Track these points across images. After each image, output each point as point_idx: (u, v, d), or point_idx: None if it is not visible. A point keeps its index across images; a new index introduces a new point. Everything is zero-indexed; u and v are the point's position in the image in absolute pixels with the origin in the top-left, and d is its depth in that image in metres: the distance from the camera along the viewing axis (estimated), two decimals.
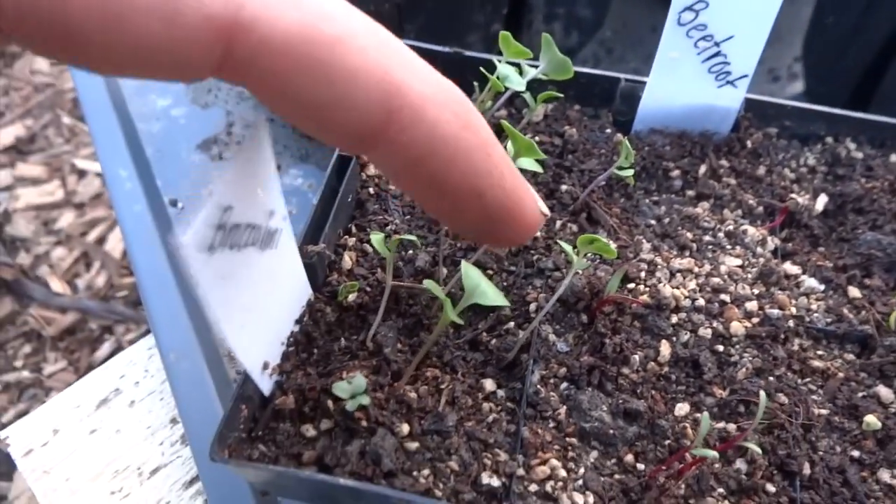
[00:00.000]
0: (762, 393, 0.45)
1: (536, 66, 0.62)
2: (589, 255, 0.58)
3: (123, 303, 1.68)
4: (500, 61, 0.62)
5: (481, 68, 0.62)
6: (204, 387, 0.80)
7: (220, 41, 0.29)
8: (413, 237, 0.52)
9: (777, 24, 1.30)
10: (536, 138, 0.67)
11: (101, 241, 1.81)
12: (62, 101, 2.10)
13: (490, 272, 0.58)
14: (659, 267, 0.58)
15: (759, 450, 0.47)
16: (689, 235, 0.61)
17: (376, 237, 0.51)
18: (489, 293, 0.44)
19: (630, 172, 0.59)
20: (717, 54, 0.61)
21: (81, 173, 1.96)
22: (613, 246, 0.59)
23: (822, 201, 0.64)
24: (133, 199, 0.97)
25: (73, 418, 0.83)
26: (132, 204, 0.96)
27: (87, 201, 1.89)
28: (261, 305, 0.46)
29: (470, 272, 0.45)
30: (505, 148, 0.62)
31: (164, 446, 0.81)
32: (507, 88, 0.59)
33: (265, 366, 0.50)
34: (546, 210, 0.41)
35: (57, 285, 1.71)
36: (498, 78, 0.58)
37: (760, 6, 0.57)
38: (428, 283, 0.44)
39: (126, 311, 1.64)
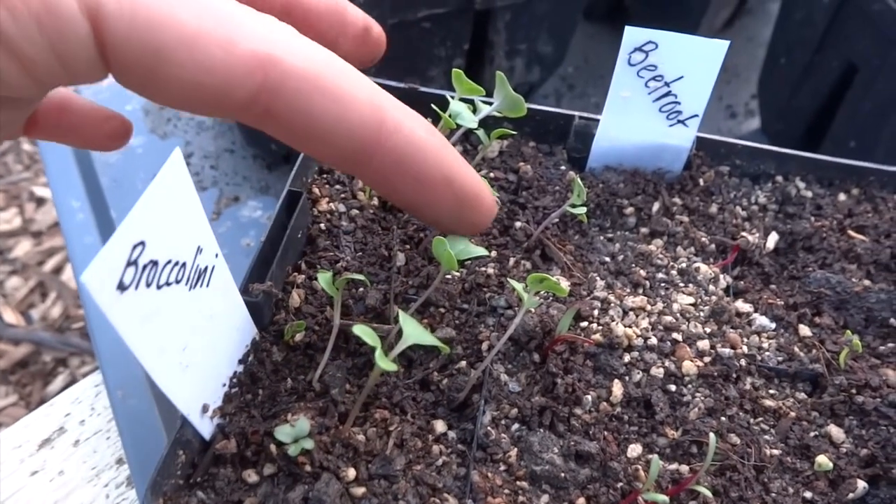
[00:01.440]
0: (711, 435, 0.45)
1: (491, 103, 0.62)
2: (542, 292, 0.58)
3: (79, 334, 1.63)
4: (453, 97, 0.62)
5: (432, 105, 0.62)
6: (152, 426, 0.78)
7: (260, 69, 0.39)
8: (361, 276, 0.51)
9: (734, 62, 1.33)
10: (491, 174, 0.67)
11: (57, 270, 1.76)
12: None
13: (442, 310, 0.57)
14: (612, 305, 0.57)
15: (709, 493, 0.46)
16: (643, 273, 0.61)
17: (323, 276, 0.50)
18: (425, 336, 0.44)
19: (583, 210, 0.59)
20: (667, 94, 0.61)
21: (40, 201, 1.91)
22: (566, 284, 0.59)
23: (773, 239, 0.64)
24: (85, 231, 0.95)
25: (13, 458, 0.80)
26: (83, 235, 0.94)
27: (45, 230, 1.85)
28: (196, 346, 0.44)
29: (406, 321, 0.44)
30: None
31: (109, 488, 0.78)
32: (459, 125, 0.59)
33: (204, 408, 0.48)
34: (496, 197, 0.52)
35: (10, 316, 1.66)
36: (450, 115, 0.58)
37: (708, 49, 0.58)
38: (358, 329, 0.42)
39: (81, 343, 1.60)
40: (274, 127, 0.43)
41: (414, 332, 0.45)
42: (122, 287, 0.36)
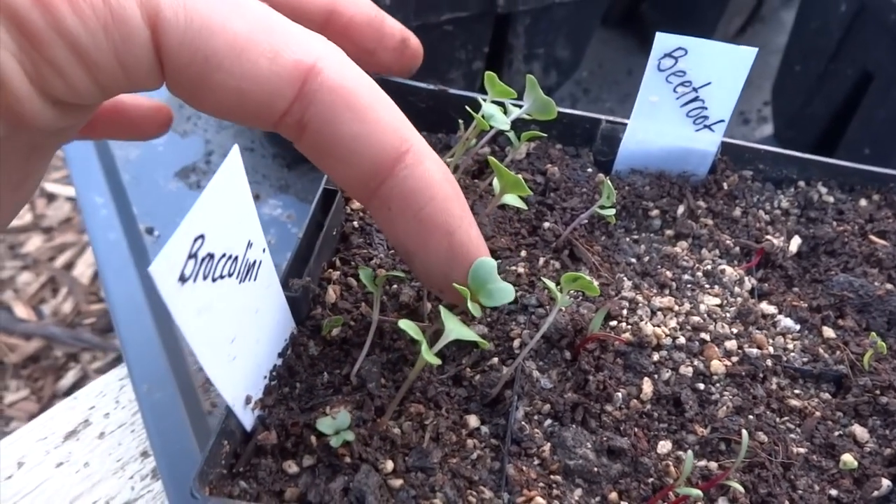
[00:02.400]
0: (744, 432, 0.46)
1: (520, 106, 0.63)
2: (572, 292, 0.59)
3: (90, 330, 1.64)
4: (484, 100, 0.63)
5: (466, 106, 0.63)
6: (177, 419, 0.79)
7: (300, 79, 0.41)
8: (400, 273, 0.53)
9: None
10: (519, 175, 0.68)
11: (69, 266, 1.77)
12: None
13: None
14: (640, 305, 0.59)
15: (741, 488, 0.48)
16: (669, 274, 0.62)
17: (364, 272, 0.51)
18: (467, 332, 0.45)
19: (612, 211, 0.61)
20: (695, 99, 0.62)
21: (51, 197, 1.92)
22: (596, 283, 0.60)
23: (795, 243, 0.66)
24: (108, 227, 0.96)
25: (39, 451, 0.81)
26: (107, 231, 0.95)
27: (56, 226, 1.85)
28: (242, 338, 0.45)
29: (448, 317, 0.46)
30: (491, 184, 0.63)
31: (135, 480, 0.79)
32: (491, 127, 0.60)
33: (248, 400, 0.49)
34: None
35: (21, 311, 1.67)
36: (483, 117, 0.59)
37: (737, 55, 0.59)
38: (403, 324, 0.44)
39: (93, 338, 1.61)
40: (305, 141, 0.44)
41: (456, 327, 0.47)
42: (182, 279, 0.37)
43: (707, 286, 0.62)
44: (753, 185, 0.69)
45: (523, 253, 0.62)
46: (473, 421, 0.53)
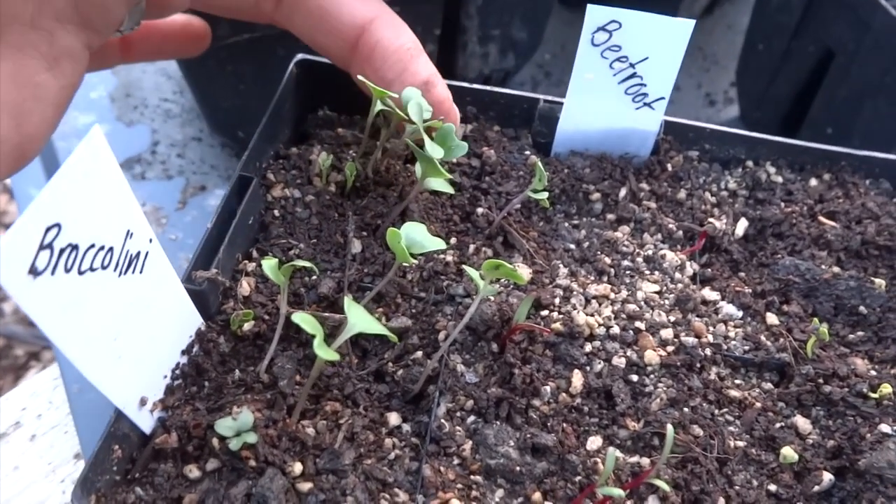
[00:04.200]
0: (669, 426, 0.43)
1: None
2: (502, 280, 0.56)
3: None
4: None
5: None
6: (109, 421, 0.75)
7: None
8: (308, 263, 0.49)
9: (713, 50, 1.31)
10: (454, 160, 0.64)
11: None
12: None
13: (399, 299, 0.55)
14: (574, 293, 0.56)
15: (667, 487, 0.45)
16: (608, 260, 0.59)
17: (268, 263, 0.48)
18: (372, 324, 0.42)
19: (544, 195, 0.57)
20: (633, 75, 0.59)
21: (13, 192, 1.88)
22: (528, 271, 0.57)
23: (742, 226, 0.63)
24: None
25: None
26: None
27: None
28: (130, 336, 0.42)
29: (352, 308, 0.42)
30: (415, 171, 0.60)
31: (66, 484, 0.76)
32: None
33: (143, 401, 0.46)
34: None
35: None
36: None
37: (674, 28, 0.56)
38: (297, 317, 0.41)
39: None
40: (281, 10, 0.52)
41: (360, 320, 0.44)
42: (34, 272, 0.33)
43: (647, 272, 0.59)
44: (699, 165, 0.66)
45: (453, 240, 0.59)
46: (394, 419, 0.50)
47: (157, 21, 0.60)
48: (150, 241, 0.43)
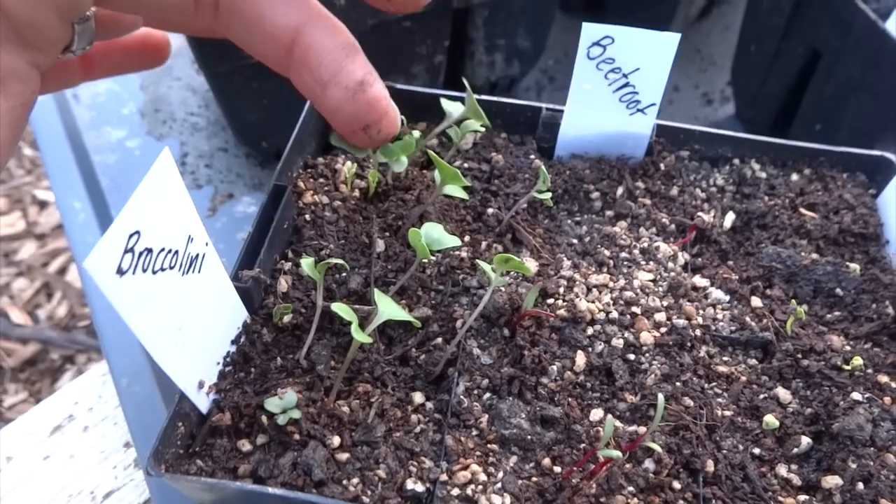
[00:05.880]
0: (660, 396, 0.49)
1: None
2: (512, 273, 0.62)
3: (85, 332, 1.68)
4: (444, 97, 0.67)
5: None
6: (156, 410, 0.82)
7: None
8: (340, 261, 0.56)
9: (710, 50, 1.36)
10: (465, 165, 0.71)
11: (62, 271, 1.81)
12: (24, 132, 2.11)
13: (420, 292, 0.62)
14: (577, 283, 0.62)
15: (660, 449, 0.51)
16: (607, 253, 0.65)
17: (307, 262, 0.54)
18: (398, 312, 0.48)
19: (548, 196, 0.64)
20: (626, 85, 0.65)
21: (42, 204, 1.96)
22: (535, 265, 0.63)
23: (730, 218, 0.69)
24: (87, 231, 0.99)
25: (26, 445, 0.85)
26: (86, 235, 0.99)
27: (49, 232, 1.89)
28: (190, 327, 0.49)
29: (381, 298, 0.49)
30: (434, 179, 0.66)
31: (118, 470, 0.83)
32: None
33: (200, 384, 0.53)
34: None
35: (17, 316, 1.71)
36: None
37: (661, 41, 0.62)
38: (336, 307, 0.47)
39: (87, 340, 1.65)
40: (220, 19, 0.53)
41: (388, 308, 0.50)
42: (120, 272, 0.40)
43: (643, 262, 0.65)
44: (690, 164, 0.72)
45: (467, 238, 0.65)
46: (419, 397, 0.57)
47: (115, 42, 0.62)
48: (206, 244, 0.49)
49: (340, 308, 0.48)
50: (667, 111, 1.22)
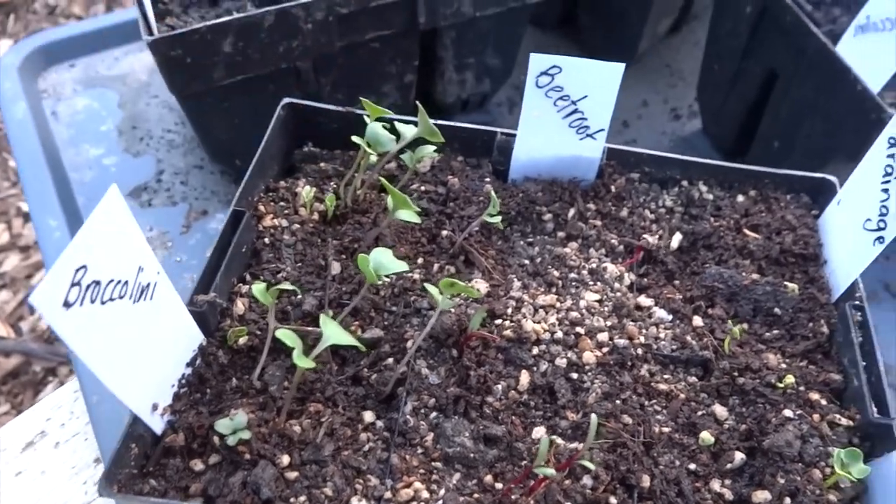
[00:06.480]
0: (593, 416, 0.51)
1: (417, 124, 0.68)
2: (461, 294, 0.64)
3: None
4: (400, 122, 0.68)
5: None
6: (124, 427, 0.84)
7: None
8: (291, 286, 0.58)
9: (680, 66, 1.39)
10: (423, 187, 0.73)
11: None
12: (8, 144, 2.12)
13: (372, 313, 0.64)
14: (525, 303, 0.64)
15: (594, 467, 0.53)
16: (557, 273, 0.67)
17: (257, 287, 0.56)
18: (343, 336, 0.51)
19: (498, 219, 0.66)
20: (575, 111, 0.68)
21: (27, 216, 1.98)
22: (485, 285, 0.65)
23: (677, 239, 0.71)
24: (62, 248, 1.01)
25: None
26: (60, 252, 1.00)
27: (33, 244, 1.91)
28: (143, 352, 0.51)
29: (327, 323, 0.51)
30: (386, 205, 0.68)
31: (88, 486, 0.85)
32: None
33: (154, 407, 0.55)
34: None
35: (0, 328, 1.72)
36: (370, 141, 0.64)
37: (606, 71, 0.65)
38: (280, 334, 0.49)
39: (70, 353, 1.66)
40: None
41: (333, 333, 0.52)
42: (67, 304, 0.42)
43: (590, 283, 0.67)
44: (640, 186, 0.75)
45: (420, 260, 0.68)
46: (369, 416, 0.59)
47: None
48: (158, 273, 0.52)
49: (284, 335, 0.50)
50: (635, 126, 1.25)
